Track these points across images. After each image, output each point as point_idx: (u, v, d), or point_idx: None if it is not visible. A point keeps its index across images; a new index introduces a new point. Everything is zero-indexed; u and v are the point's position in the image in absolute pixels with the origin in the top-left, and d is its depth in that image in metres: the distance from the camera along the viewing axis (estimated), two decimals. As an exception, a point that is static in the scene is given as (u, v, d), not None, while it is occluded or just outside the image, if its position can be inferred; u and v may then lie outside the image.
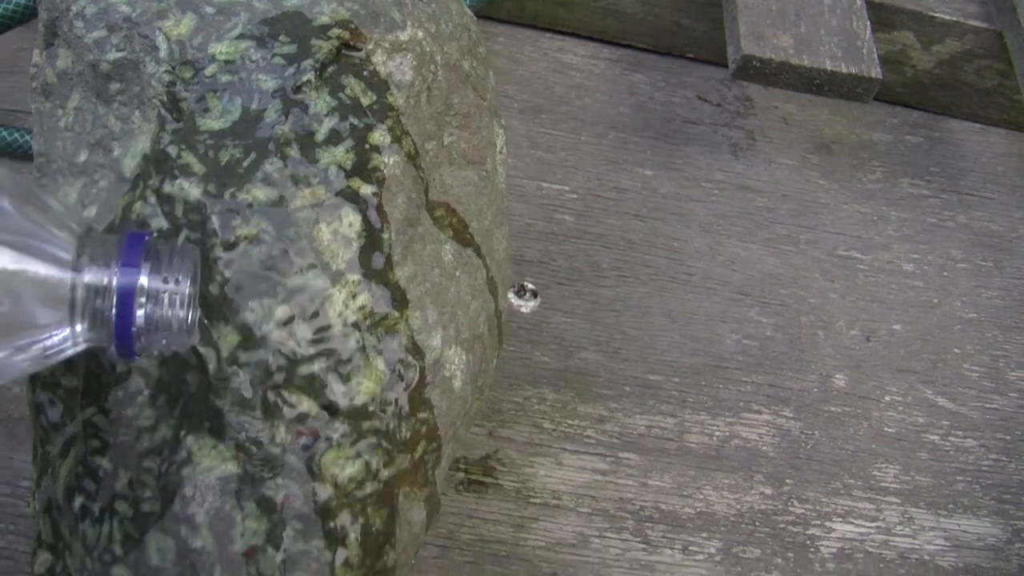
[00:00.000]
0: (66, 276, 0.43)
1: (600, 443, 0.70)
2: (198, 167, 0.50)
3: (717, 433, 0.72)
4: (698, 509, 0.69)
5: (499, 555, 0.66)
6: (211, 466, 0.47)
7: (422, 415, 0.51)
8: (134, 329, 0.43)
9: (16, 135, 0.75)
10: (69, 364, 0.51)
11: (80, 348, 0.44)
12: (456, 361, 0.53)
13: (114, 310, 0.43)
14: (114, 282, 0.43)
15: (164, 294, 0.43)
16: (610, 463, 0.70)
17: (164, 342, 0.44)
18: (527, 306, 0.74)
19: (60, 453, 0.52)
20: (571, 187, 0.79)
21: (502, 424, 0.70)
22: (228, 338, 0.48)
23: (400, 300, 0.51)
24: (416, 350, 0.51)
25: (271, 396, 0.48)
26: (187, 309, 0.44)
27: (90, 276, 0.43)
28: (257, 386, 0.48)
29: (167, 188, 0.50)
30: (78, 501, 0.50)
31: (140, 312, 0.43)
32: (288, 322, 0.48)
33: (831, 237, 0.81)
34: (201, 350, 0.48)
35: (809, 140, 0.85)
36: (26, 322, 0.42)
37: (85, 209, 0.54)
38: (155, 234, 0.48)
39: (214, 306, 0.48)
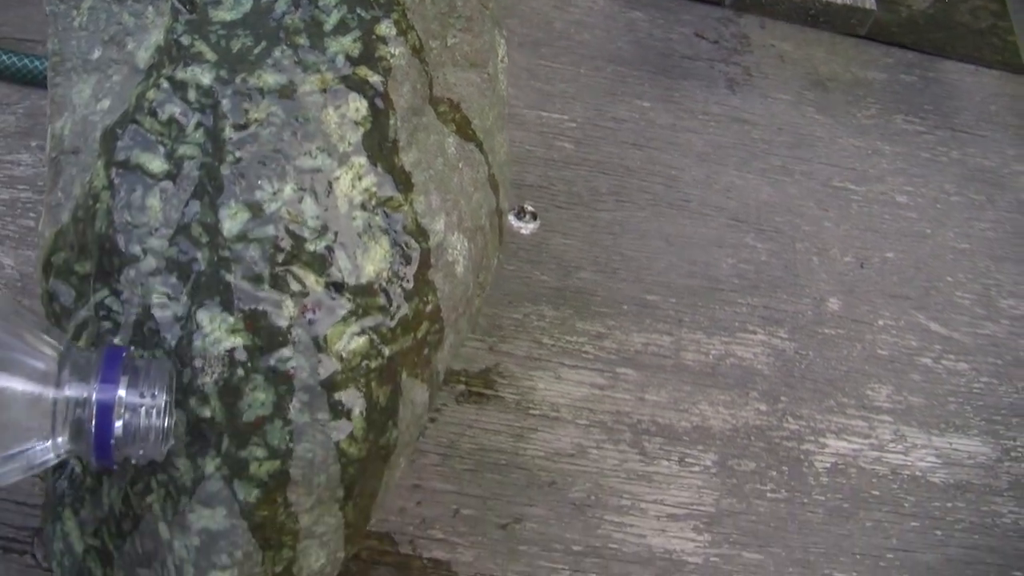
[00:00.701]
0: (48, 391, 0.45)
1: (598, 359, 0.71)
2: (210, 55, 0.52)
3: (713, 351, 0.73)
4: (694, 423, 0.71)
5: (499, 463, 0.68)
6: (220, 338, 0.48)
7: (425, 296, 0.53)
8: (113, 441, 0.45)
9: (28, 61, 0.77)
10: (83, 249, 0.53)
11: (61, 458, 0.47)
12: (458, 247, 0.55)
13: (94, 423, 0.45)
14: (94, 397, 0.45)
15: (141, 408, 0.45)
16: (608, 378, 0.71)
17: (141, 452, 0.46)
18: (527, 228, 0.76)
19: (73, 337, 0.53)
20: (570, 116, 0.80)
21: (502, 339, 0.71)
22: (238, 215, 0.49)
23: (405, 184, 0.52)
24: (420, 232, 0.52)
25: (279, 272, 0.49)
26: (163, 419, 0.46)
27: (71, 391, 0.45)
28: (265, 262, 0.49)
29: (180, 75, 0.52)
30: (91, 382, 0.51)
31: (119, 424, 0.45)
32: (296, 201, 0.50)
33: (826, 169, 0.82)
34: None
35: (805, 77, 0.86)
36: (11, 435, 0.45)
37: (99, 102, 0.55)
38: (132, 349, 0.50)
39: (224, 185, 0.50)
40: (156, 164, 0.51)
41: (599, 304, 0.73)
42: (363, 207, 0.51)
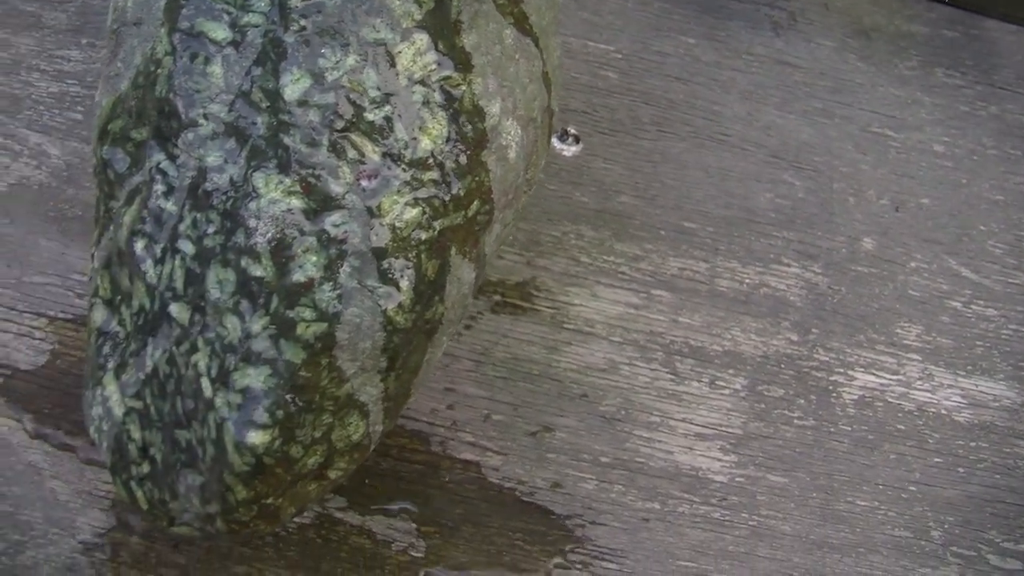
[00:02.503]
0: None
1: (634, 279, 0.72)
2: (277, -75, 0.52)
3: (747, 280, 0.73)
4: (726, 347, 0.71)
5: (531, 373, 0.68)
6: (276, 199, 0.49)
7: (478, 176, 0.53)
8: None
9: None
10: (141, 115, 0.53)
11: None
12: (512, 133, 0.55)
13: None
14: None
15: None
16: (643, 298, 0.72)
17: None
18: (569, 150, 0.76)
19: (125, 202, 0.54)
20: (616, 48, 0.81)
21: (540, 254, 0.72)
22: (300, 81, 0.50)
23: (464, 64, 0.53)
24: (476, 112, 0.53)
25: (337, 138, 0.50)
26: None
27: None
28: (325, 127, 0.50)
29: (247, -57, 0.52)
30: (140, 244, 0.52)
31: None
32: (358, 71, 0.50)
33: (865, 114, 0.83)
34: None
35: (849, 26, 0.87)
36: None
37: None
38: None
39: (288, 52, 0.50)
40: (220, 32, 0.52)
41: (637, 228, 0.74)
42: (423, 83, 0.52)
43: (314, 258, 0.49)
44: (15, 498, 0.62)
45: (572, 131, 0.76)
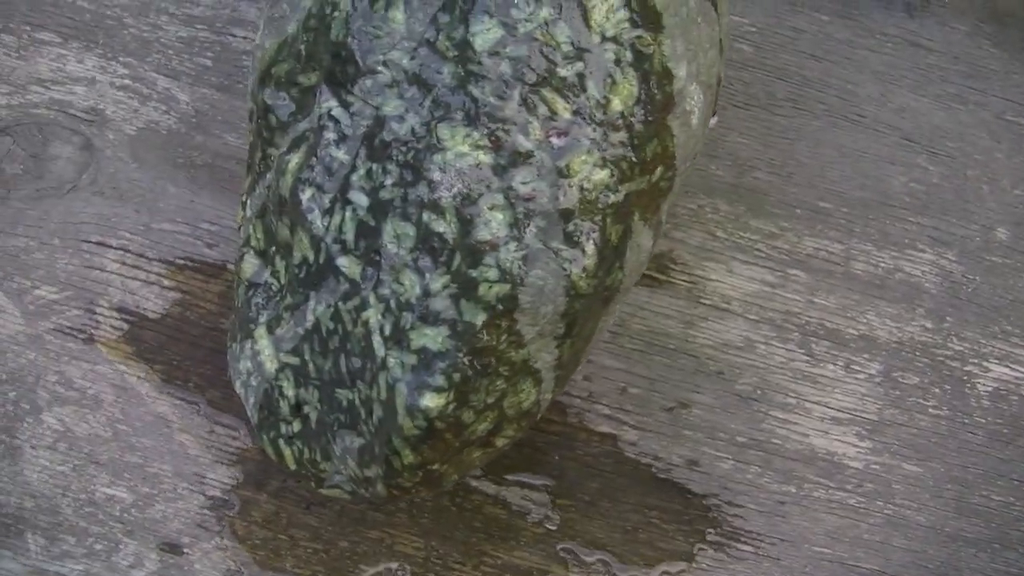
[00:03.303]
0: None
1: (770, 257, 0.70)
2: None
3: (882, 264, 0.72)
4: (861, 331, 0.69)
5: (667, 347, 0.67)
6: (463, 152, 0.47)
7: (664, 140, 0.51)
8: None
9: None
10: (310, 59, 0.51)
11: None
12: (696, 98, 0.53)
13: None
14: None
15: None
16: (778, 277, 0.70)
17: None
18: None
19: (288, 150, 0.52)
20: (750, 20, 0.79)
21: (676, 227, 0.70)
22: (492, 31, 0.48)
23: (655, 23, 0.51)
24: (666, 74, 0.51)
25: (528, 93, 0.48)
26: None
27: None
28: (516, 81, 0.48)
29: None
30: (307, 193, 0.50)
31: None
32: (551, 23, 0.48)
33: (999, 102, 0.80)
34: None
35: (983, 9, 0.84)
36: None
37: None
38: None
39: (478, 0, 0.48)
40: (403, -24, 0.49)
41: (773, 205, 0.72)
42: (615, 40, 0.50)
43: (500, 216, 0.48)
44: (144, 449, 0.61)
45: (708, 102, 0.74)
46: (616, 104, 0.49)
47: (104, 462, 0.61)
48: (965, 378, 0.70)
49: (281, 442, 0.55)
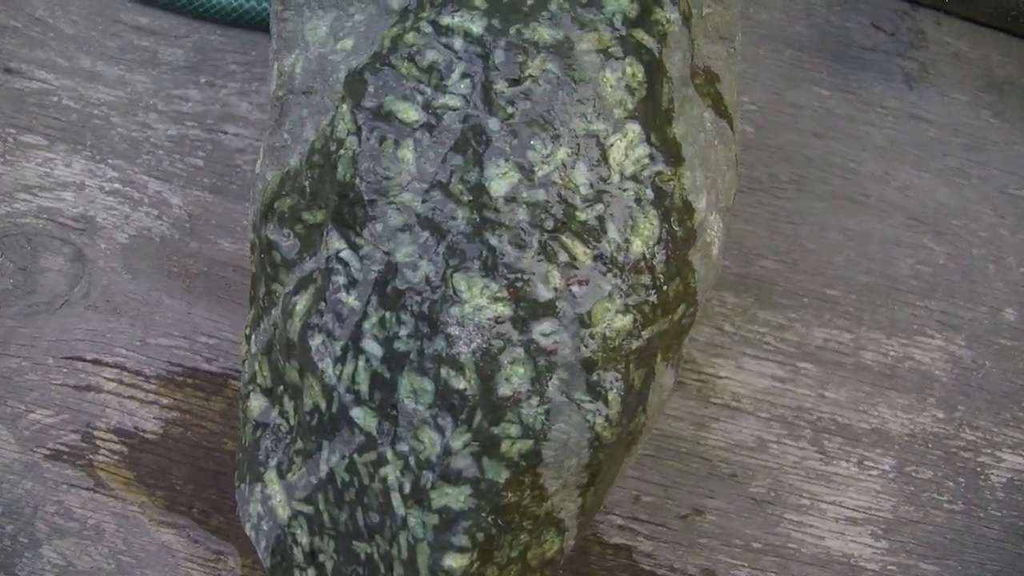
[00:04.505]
0: None
1: (779, 351, 0.69)
2: (479, 1, 0.49)
3: (892, 353, 0.71)
4: (873, 425, 0.68)
5: (680, 451, 0.65)
6: (481, 305, 0.46)
7: (685, 277, 0.50)
8: None
9: (254, 2, 0.72)
10: (315, 196, 0.50)
11: None
12: (716, 228, 0.52)
13: None
14: None
15: None
16: (788, 371, 0.69)
17: None
18: (708, 209, 0.73)
19: (295, 291, 0.50)
20: (750, 99, 0.77)
21: (683, 323, 0.68)
22: (508, 176, 0.46)
23: (675, 157, 0.49)
24: (687, 209, 0.50)
25: (547, 240, 0.46)
26: None
27: None
28: (535, 228, 0.46)
29: (446, 20, 0.49)
30: (317, 340, 0.48)
31: None
32: (569, 166, 0.47)
33: (1001, 175, 0.79)
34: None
35: (981, 78, 0.83)
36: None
37: (339, 41, 0.52)
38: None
39: (493, 142, 0.47)
40: (411, 113, 0.48)
41: (780, 295, 0.70)
42: (634, 178, 0.48)
43: (521, 370, 0.46)
44: (149, 582, 0.59)
45: (712, 190, 0.73)
46: (637, 246, 0.48)
47: (107, 598, 0.59)
48: (979, 469, 0.69)
49: (295, 589, 0.53)
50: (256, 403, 0.54)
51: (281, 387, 0.53)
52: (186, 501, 0.61)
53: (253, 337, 0.55)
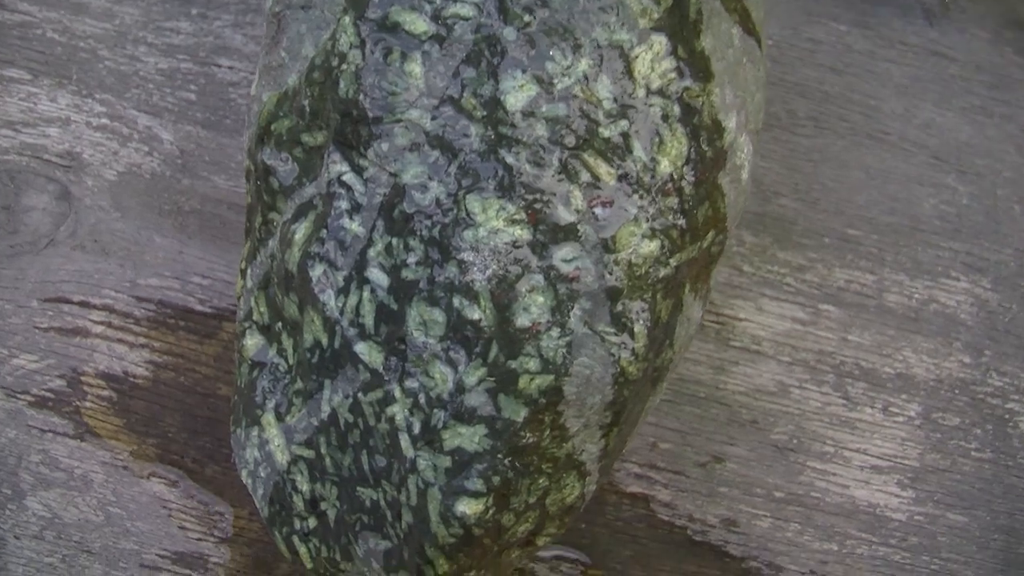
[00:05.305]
0: None
1: (800, 292, 0.66)
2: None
3: (916, 295, 0.67)
4: (897, 370, 0.65)
5: (698, 396, 0.62)
6: (497, 228, 0.42)
7: (715, 201, 0.47)
8: None
9: None
10: (316, 116, 0.46)
11: None
12: (746, 150, 0.48)
13: None
14: None
15: None
16: (810, 313, 0.65)
17: None
18: (724, 146, 0.69)
19: (294, 218, 0.47)
20: (767, 33, 0.74)
21: (700, 264, 0.65)
22: (525, 88, 0.43)
23: (704, 70, 0.46)
24: (716, 128, 0.46)
25: (568, 158, 0.43)
26: None
27: None
28: (555, 145, 0.43)
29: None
30: (318, 270, 0.45)
31: None
32: (591, 78, 0.43)
33: (1025, 113, 0.76)
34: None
35: (1002, 15, 0.80)
36: None
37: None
38: None
39: (509, 53, 0.43)
40: (419, 24, 0.44)
41: (800, 234, 0.67)
42: (661, 93, 0.45)
43: (541, 299, 0.43)
44: (140, 535, 0.56)
45: (728, 126, 0.69)
46: (665, 165, 0.45)
47: (97, 551, 0.56)
48: (1007, 416, 0.66)
49: (296, 539, 0.50)
50: (252, 341, 0.51)
51: (279, 323, 0.50)
52: (178, 450, 0.57)
53: (249, 271, 0.52)
